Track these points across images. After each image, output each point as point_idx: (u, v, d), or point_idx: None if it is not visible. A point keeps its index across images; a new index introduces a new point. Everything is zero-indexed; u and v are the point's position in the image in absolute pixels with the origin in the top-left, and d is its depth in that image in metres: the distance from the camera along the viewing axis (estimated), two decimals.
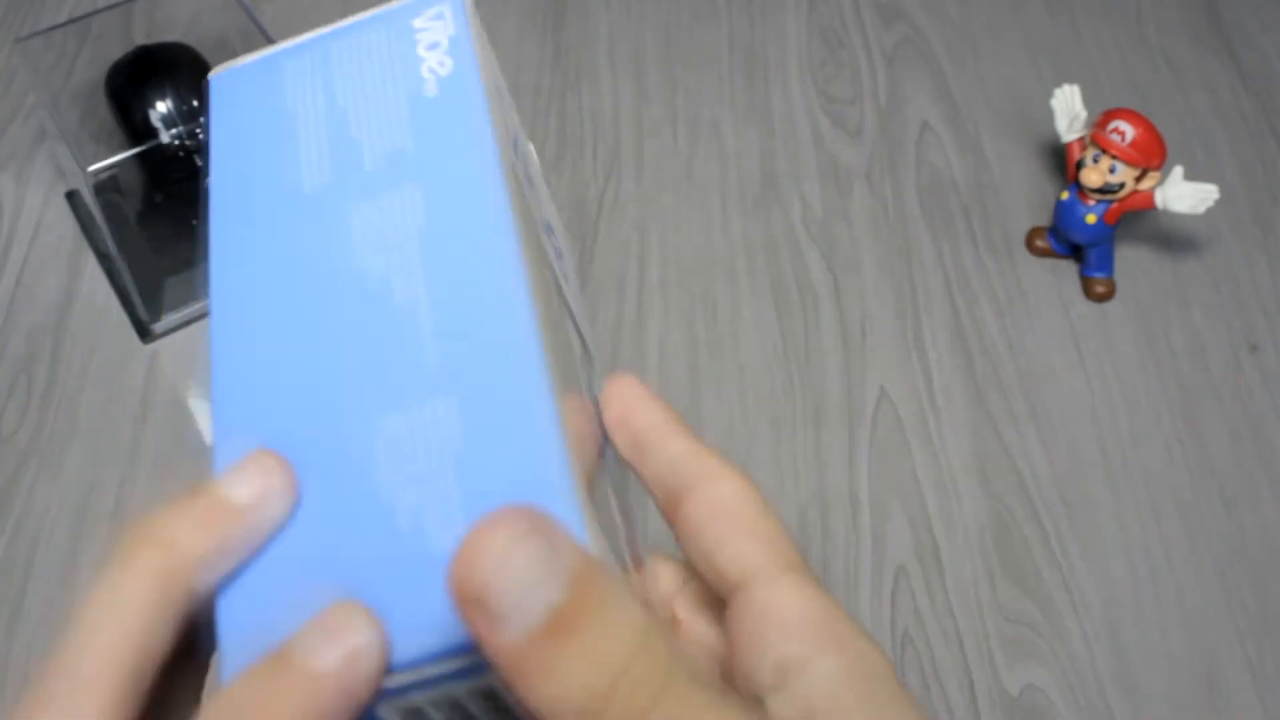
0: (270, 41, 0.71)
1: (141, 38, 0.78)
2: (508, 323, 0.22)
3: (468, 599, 0.18)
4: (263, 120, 0.27)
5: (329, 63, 0.27)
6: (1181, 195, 0.70)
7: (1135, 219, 0.77)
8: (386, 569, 0.21)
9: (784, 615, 0.23)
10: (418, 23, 0.27)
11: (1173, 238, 0.78)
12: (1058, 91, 0.74)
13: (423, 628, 0.20)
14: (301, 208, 0.25)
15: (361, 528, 0.21)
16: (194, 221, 0.75)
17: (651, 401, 0.27)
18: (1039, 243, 0.77)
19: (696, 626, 0.27)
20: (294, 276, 0.24)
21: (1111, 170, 0.70)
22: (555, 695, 0.18)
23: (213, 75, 0.28)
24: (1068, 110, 0.74)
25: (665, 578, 0.28)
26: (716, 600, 0.25)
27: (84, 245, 0.77)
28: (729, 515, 0.25)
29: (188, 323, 0.73)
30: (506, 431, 0.21)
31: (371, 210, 0.24)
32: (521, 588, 0.18)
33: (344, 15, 0.28)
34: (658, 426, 0.27)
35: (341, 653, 0.20)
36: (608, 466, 0.27)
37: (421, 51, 0.27)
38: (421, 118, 0.26)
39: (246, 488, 0.22)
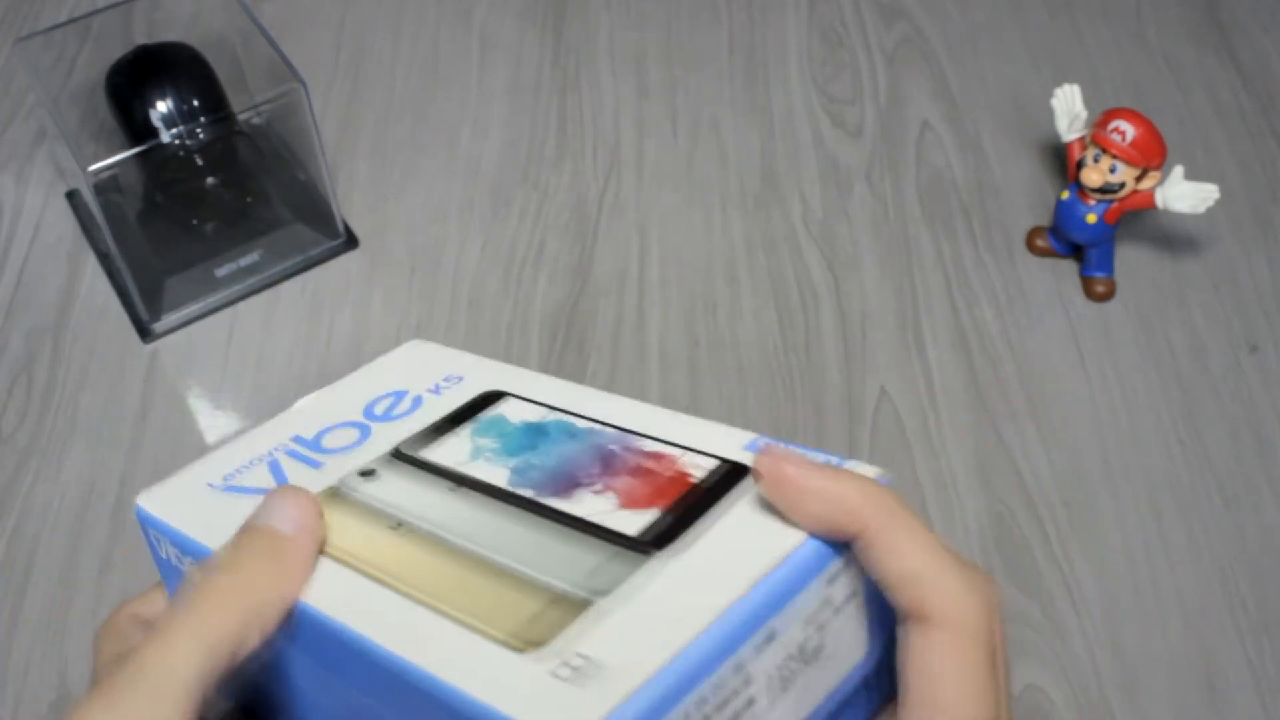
0: (271, 43, 0.71)
1: (141, 38, 0.78)
2: None
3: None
4: None
5: None
6: (1182, 195, 0.70)
7: (1135, 219, 0.77)
8: None
9: None
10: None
11: (1173, 238, 0.78)
12: (1058, 91, 0.74)
13: None
14: None
15: None
16: (194, 221, 0.75)
17: (824, 477, 0.26)
18: (1039, 242, 0.77)
19: None
20: None
21: (1112, 170, 0.70)
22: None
23: None
24: (1068, 110, 0.74)
25: None
26: None
27: (84, 245, 0.77)
28: (948, 675, 0.24)
29: (188, 323, 0.73)
30: None
31: None
32: None
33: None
34: (876, 520, 0.25)
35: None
36: None
37: None
38: None
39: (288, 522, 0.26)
